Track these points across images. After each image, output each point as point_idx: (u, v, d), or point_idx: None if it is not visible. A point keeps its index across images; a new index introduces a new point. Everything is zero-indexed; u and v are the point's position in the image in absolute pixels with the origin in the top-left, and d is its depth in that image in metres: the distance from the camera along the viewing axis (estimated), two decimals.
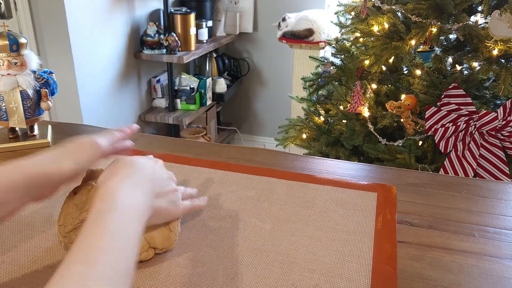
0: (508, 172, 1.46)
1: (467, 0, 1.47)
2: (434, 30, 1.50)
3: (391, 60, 1.69)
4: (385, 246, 0.59)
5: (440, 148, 1.53)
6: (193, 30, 2.41)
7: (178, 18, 2.36)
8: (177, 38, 2.30)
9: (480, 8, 1.57)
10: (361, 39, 1.74)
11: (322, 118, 1.94)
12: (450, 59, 1.67)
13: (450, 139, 1.50)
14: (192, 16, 2.40)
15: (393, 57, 1.66)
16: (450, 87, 1.47)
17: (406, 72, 1.72)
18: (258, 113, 3.22)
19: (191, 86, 2.57)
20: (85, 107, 1.98)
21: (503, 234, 0.63)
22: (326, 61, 1.95)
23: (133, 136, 0.64)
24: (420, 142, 1.62)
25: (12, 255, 0.56)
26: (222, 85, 2.77)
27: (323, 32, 2.34)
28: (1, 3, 1.69)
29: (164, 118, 2.44)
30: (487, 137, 1.46)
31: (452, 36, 1.68)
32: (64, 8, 1.79)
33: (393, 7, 1.58)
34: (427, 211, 0.68)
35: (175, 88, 2.56)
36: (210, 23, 2.71)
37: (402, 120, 1.58)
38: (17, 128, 0.90)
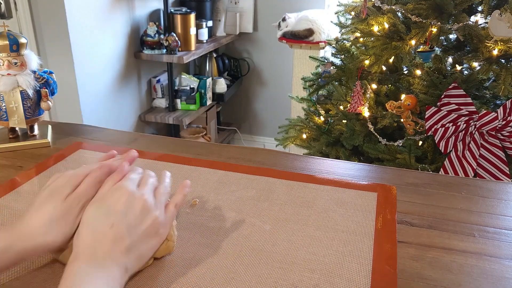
0: (508, 172, 1.46)
1: (467, 0, 1.47)
2: (434, 30, 1.50)
3: (391, 60, 1.69)
4: (385, 246, 0.59)
5: (440, 148, 1.53)
6: (193, 30, 2.41)
7: (178, 18, 2.36)
8: (177, 38, 2.30)
9: (480, 8, 1.57)
10: (361, 39, 1.74)
11: (322, 118, 1.94)
12: (450, 59, 1.68)
13: (450, 139, 1.50)
14: (192, 16, 2.40)
15: (393, 57, 1.66)
16: (450, 87, 1.47)
17: (406, 72, 1.72)
18: (258, 113, 3.22)
19: (191, 86, 2.57)
20: (85, 107, 1.99)
21: (503, 234, 0.63)
22: (326, 61, 1.95)
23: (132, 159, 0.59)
24: (420, 142, 1.62)
25: None
26: (222, 85, 2.77)
27: (323, 32, 2.34)
28: (1, 3, 1.69)
29: (164, 118, 2.44)
30: (487, 137, 1.46)
31: (452, 36, 1.68)
32: (64, 8, 1.80)
33: (393, 7, 1.58)
34: (427, 211, 0.68)
35: (175, 88, 2.56)
36: (210, 23, 2.71)
37: (402, 120, 1.58)
38: (17, 128, 0.90)
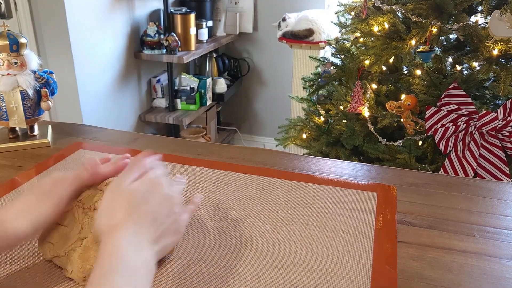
0: (508, 172, 1.46)
1: (467, 0, 1.47)
2: (434, 30, 1.50)
3: (391, 60, 1.69)
4: (385, 246, 0.59)
5: (440, 148, 1.53)
6: (193, 30, 2.41)
7: (178, 18, 2.36)
8: (177, 38, 2.30)
9: (480, 8, 1.57)
10: (361, 39, 1.74)
11: (322, 118, 1.94)
12: (450, 59, 1.68)
13: (450, 139, 1.50)
14: (192, 16, 2.40)
15: (393, 57, 1.66)
16: (450, 87, 1.47)
17: (406, 72, 1.72)
18: (258, 113, 3.22)
19: (191, 86, 2.57)
20: (85, 107, 1.99)
21: (503, 234, 0.63)
22: (326, 61, 1.95)
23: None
24: (420, 142, 1.62)
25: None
26: (222, 85, 2.77)
27: (323, 32, 2.34)
28: (1, 3, 1.69)
29: (164, 118, 2.44)
30: (487, 137, 1.46)
31: (452, 36, 1.68)
32: (64, 8, 1.79)
33: (393, 7, 1.58)
34: (427, 211, 0.68)
35: (175, 88, 2.56)
36: (210, 23, 2.71)
37: (402, 120, 1.58)
38: (17, 128, 0.91)
